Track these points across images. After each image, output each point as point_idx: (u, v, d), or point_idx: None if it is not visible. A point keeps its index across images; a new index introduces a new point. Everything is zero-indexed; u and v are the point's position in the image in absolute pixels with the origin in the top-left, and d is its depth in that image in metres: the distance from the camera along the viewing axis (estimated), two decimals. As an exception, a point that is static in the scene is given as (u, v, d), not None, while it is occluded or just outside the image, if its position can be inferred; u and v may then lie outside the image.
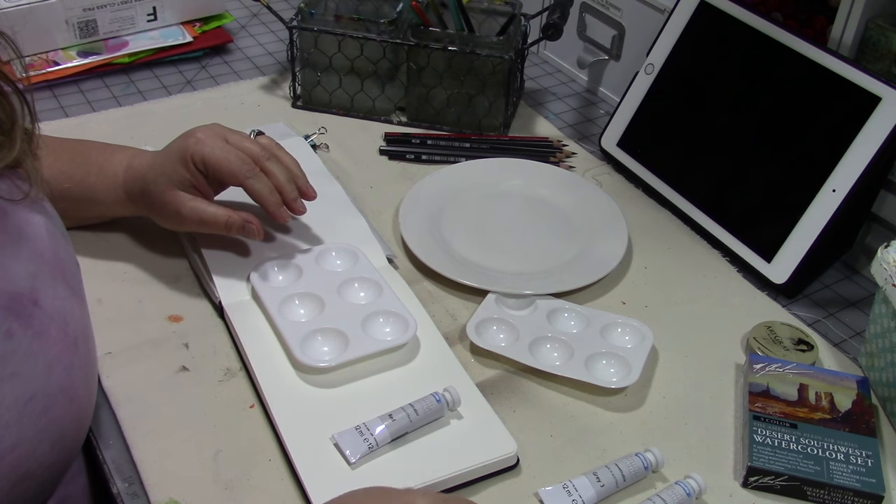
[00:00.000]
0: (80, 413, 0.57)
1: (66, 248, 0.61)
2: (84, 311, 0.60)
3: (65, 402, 0.54)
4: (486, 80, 1.03)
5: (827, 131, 0.85)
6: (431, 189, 0.95)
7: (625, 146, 1.01)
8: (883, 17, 0.85)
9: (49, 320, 0.54)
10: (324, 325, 0.75)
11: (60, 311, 0.55)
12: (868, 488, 0.65)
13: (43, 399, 0.52)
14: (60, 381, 0.54)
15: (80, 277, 0.61)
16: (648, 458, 0.67)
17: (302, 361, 0.71)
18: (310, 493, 0.63)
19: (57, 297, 0.56)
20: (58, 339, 0.54)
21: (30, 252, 0.55)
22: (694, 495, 0.65)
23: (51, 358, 0.53)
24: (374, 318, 0.76)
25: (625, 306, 0.84)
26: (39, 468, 0.53)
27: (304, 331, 0.74)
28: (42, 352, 0.53)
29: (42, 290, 0.54)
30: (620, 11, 1.09)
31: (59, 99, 1.09)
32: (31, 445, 0.52)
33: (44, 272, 0.55)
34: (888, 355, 0.73)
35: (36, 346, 0.52)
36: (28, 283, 0.53)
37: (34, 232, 0.56)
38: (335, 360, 0.72)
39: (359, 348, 0.73)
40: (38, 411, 0.52)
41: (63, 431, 0.55)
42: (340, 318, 0.76)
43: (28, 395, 0.51)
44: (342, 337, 0.74)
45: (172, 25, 1.19)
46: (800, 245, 0.85)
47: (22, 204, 0.56)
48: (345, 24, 1.03)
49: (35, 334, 0.52)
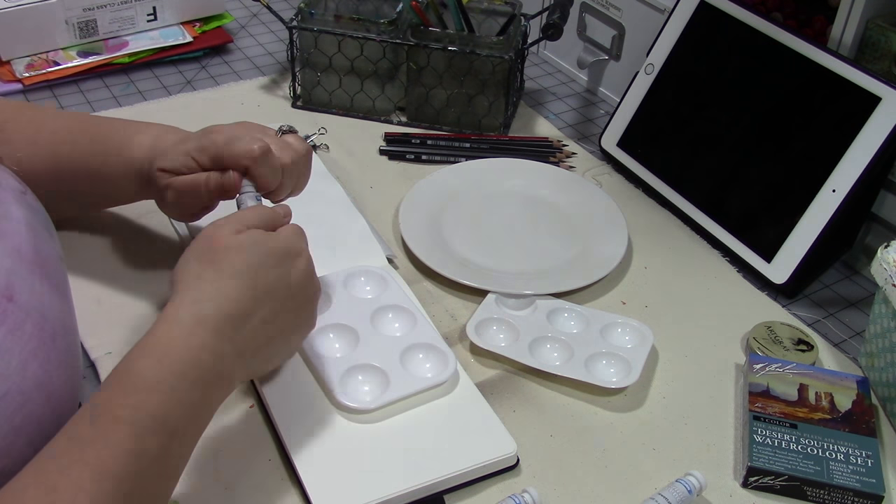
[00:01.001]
0: (59, 409, 0.56)
1: (49, 242, 0.60)
2: (66, 306, 0.60)
3: (41, 398, 0.54)
4: (486, 80, 1.03)
5: (827, 131, 0.85)
6: (431, 189, 0.95)
7: (625, 146, 1.01)
8: (883, 17, 0.85)
9: (25, 316, 0.54)
10: (361, 360, 0.72)
11: (38, 306, 0.55)
12: (868, 488, 0.65)
13: (17, 396, 0.52)
14: (37, 378, 0.53)
15: (64, 272, 0.61)
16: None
17: (345, 403, 0.68)
18: (310, 493, 0.63)
19: (34, 292, 0.55)
20: (34, 335, 0.54)
21: (6, 247, 0.55)
22: (695, 492, 0.65)
23: (26, 354, 0.53)
24: (412, 353, 0.73)
25: (625, 306, 0.84)
26: (16, 465, 0.52)
27: (341, 368, 0.71)
28: (16, 348, 0.52)
29: (18, 286, 0.54)
30: (620, 11, 1.09)
31: (59, 99, 1.09)
32: (5, 442, 0.52)
33: (20, 268, 0.55)
34: (888, 355, 0.73)
35: (9, 342, 0.52)
36: (3, 280, 0.53)
37: (12, 227, 0.56)
38: (376, 402, 0.69)
39: (400, 388, 0.70)
40: (13, 408, 0.52)
41: (41, 429, 0.54)
42: (377, 354, 0.72)
43: (1, 391, 0.51)
44: (382, 375, 0.71)
45: (172, 25, 1.19)
46: (800, 245, 0.85)
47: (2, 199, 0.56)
48: (345, 24, 1.03)
49: (8, 330, 0.52)
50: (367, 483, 0.63)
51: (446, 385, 0.71)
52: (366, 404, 0.69)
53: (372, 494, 0.62)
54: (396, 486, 0.63)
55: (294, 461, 0.65)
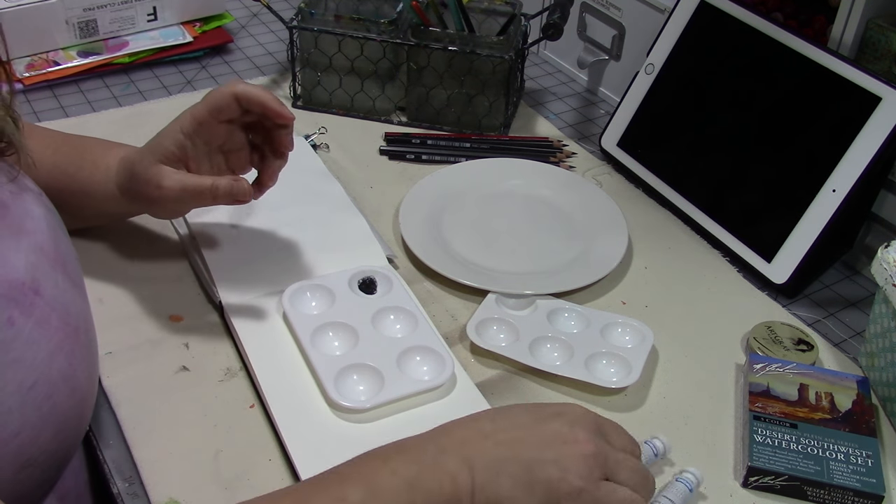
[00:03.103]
0: (81, 402, 0.57)
1: (66, 242, 0.61)
2: (85, 303, 0.61)
3: (67, 390, 0.55)
4: (486, 80, 1.03)
5: (827, 131, 0.85)
6: (431, 189, 0.95)
7: (625, 146, 1.01)
8: (883, 17, 0.85)
9: (50, 309, 0.55)
10: (357, 360, 0.72)
11: (62, 300, 0.56)
12: (868, 488, 0.65)
13: (45, 386, 0.53)
14: (62, 370, 0.55)
15: (80, 271, 0.62)
16: (656, 445, 0.68)
17: (339, 402, 0.68)
18: (310, 493, 0.63)
19: (58, 287, 0.56)
20: (59, 328, 0.55)
21: (30, 244, 0.55)
22: (695, 489, 0.66)
23: (52, 346, 0.54)
24: (410, 356, 0.73)
25: (625, 306, 0.84)
26: (42, 455, 0.54)
27: (337, 366, 0.71)
28: (44, 340, 0.53)
29: (43, 280, 0.55)
30: (620, 11, 1.09)
31: (59, 99, 1.09)
32: (34, 432, 0.53)
33: (44, 263, 0.56)
34: (888, 355, 0.73)
35: (37, 333, 0.53)
36: (29, 274, 0.54)
37: (34, 225, 0.57)
38: (370, 402, 0.69)
39: (395, 389, 0.70)
40: (41, 398, 0.53)
41: (65, 420, 0.55)
42: (375, 354, 0.73)
43: (30, 381, 0.52)
44: (377, 375, 0.71)
45: (172, 25, 1.19)
46: (800, 245, 0.85)
47: (22, 197, 0.57)
48: (345, 24, 1.03)
49: (36, 322, 0.53)
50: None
51: (446, 386, 0.71)
52: (360, 404, 0.69)
53: (372, 494, 0.62)
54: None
55: (294, 461, 0.65)
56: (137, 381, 0.72)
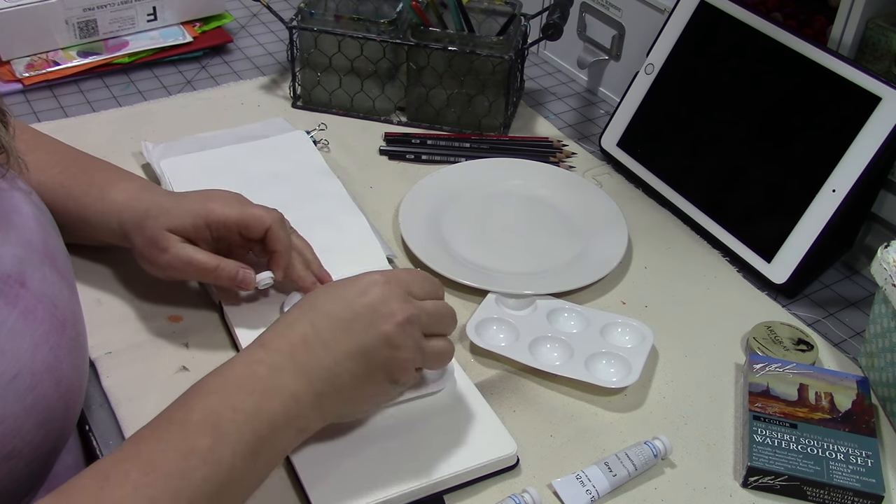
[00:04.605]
0: (67, 394, 0.57)
1: (57, 239, 0.61)
2: (74, 298, 0.61)
3: (51, 381, 0.55)
4: (486, 80, 1.03)
5: (827, 131, 0.85)
6: (431, 189, 0.95)
7: (625, 146, 1.01)
8: (883, 17, 0.85)
9: (36, 301, 0.55)
10: None
11: (49, 294, 0.57)
12: (868, 488, 0.65)
13: (28, 377, 0.53)
14: (47, 361, 0.55)
15: (71, 268, 0.62)
16: (657, 446, 0.68)
17: None
18: (310, 493, 0.63)
19: (45, 280, 0.57)
20: (45, 320, 0.55)
21: (17, 238, 0.56)
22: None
23: (37, 338, 0.54)
24: None
25: (625, 306, 0.84)
26: (26, 448, 0.54)
27: None
28: (28, 331, 0.54)
29: (29, 273, 0.55)
30: (620, 11, 1.09)
31: (59, 99, 1.09)
32: (17, 422, 0.53)
33: (32, 257, 0.56)
34: (888, 355, 0.73)
35: (21, 324, 0.53)
36: (15, 266, 0.55)
37: (22, 220, 0.58)
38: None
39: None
40: (23, 389, 0.53)
41: (50, 412, 0.55)
42: None
43: (13, 372, 0.52)
44: None
45: (172, 25, 1.19)
46: (800, 245, 0.85)
47: (10, 193, 0.58)
48: (345, 24, 1.03)
49: (21, 313, 0.54)
50: (366, 483, 0.63)
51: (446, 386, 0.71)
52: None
53: (372, 495, 0.62)
54: (396, 486, 0.63)
55: (294, 461, 0.65)
56: (137, 381, 0.72)
